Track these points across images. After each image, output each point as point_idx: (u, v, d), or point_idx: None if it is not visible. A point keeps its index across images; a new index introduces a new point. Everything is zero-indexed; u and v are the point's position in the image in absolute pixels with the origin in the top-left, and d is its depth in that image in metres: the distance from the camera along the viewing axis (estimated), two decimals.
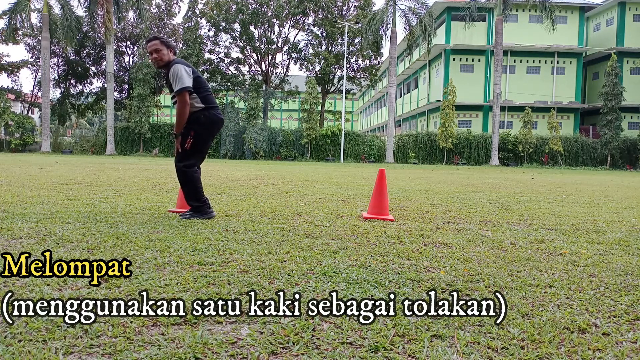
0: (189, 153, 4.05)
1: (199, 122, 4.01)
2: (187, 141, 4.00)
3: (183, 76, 3.85)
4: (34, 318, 1.71)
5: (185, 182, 4.09)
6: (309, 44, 35.14)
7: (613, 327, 1.81)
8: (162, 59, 3.95)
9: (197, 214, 4.09)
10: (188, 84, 3.87)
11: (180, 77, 3.84)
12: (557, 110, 32.86)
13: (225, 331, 1.67)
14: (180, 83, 3.83)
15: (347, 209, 5.14)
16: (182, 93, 3.85)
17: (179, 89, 3.85)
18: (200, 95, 4.00)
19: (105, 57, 30.93)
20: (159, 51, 3.93)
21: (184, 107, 3.88)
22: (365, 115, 61.44)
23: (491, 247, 3.27)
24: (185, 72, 3.87)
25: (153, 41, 3.97)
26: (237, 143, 30.30)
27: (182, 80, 3.84)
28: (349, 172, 15.10)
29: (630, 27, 33.24)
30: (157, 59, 3.96)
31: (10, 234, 3.18)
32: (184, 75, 3.85)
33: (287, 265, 2.56)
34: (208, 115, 4.03)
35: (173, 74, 3.86)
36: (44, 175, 9.01)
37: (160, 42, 3.96)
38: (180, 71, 3.85)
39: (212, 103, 4.07)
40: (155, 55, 3.94)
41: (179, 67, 3.87)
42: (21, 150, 30.36)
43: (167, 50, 3.96)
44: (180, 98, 3.86)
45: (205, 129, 4.05)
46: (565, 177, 16.61)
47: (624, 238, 3.77)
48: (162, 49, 3.94)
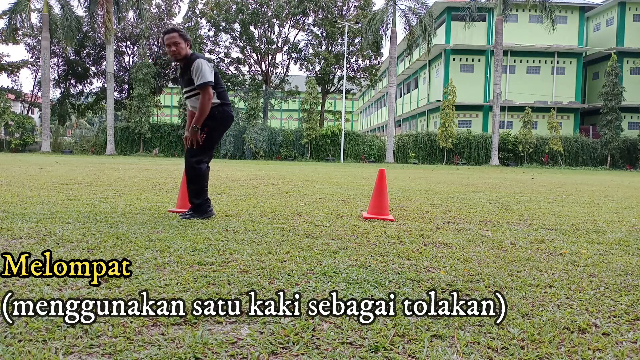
0: (200, 149, 4.05)
1: (214, 117, 4.01)
2: (200, 136, 4.00)
3: (206, 71, 3.86)
4: (34, 318, 1.71)
5: (194, 177, 4.07)
6: (309, 44, 35.15)
7: (613, 327, 1.81)
8: (179, 52, 3.94)
9: (197, 213, 4.08)
10: (211, 78, 3.89)
11: (203, 71, 3.85)
12: (557, 110, 32.86)
13: (225, 331, 1.67)
14: (203, 77, 3.84)
15: (347, 209, 5.14)
16: (206, 87, 3.86)
17: (202, 82, 3.85)
18: (217, 91, 4.02)
19: (105, 57, 30.93)
20: (178, 44, 3.92)
21: (209, 101, 3.88)
22: (365, 115, 61.44)
23: (491, 247, 3.27)
24: (207, 67, 3.89)
25: (171, 33, 3.94)
26: (237, 143, 30.30)
27: (205, 75, 3.85)
28: (349, 172, 15.10)
29: (630, 27, 33.24)
30: (175, 52, 3.94)
31: (10, 234, 3.18)
32: (207, 70, 3.87)
33: (287, 265, 2.56)
34: (222, 111, 4.05)
35: (196, 68, 3.86)
36: (44, 175, 9.01)
37: (179, 34, 3.95)
38: (203, 66, 3.86)
39: (226, 100, 4.10)
40: (174, 49, 3.93)
41: (202, 62, 3.88)
42: (21, 150, 30.35)
43: (185, 44, 3.96)
44: (205, 92, 3.87)
45: (219, 125, 4.06)
46: (565, 177, 16.61)
47: (624, 238, 3.77)
48: (181, 42, 3.93)
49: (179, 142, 30.67)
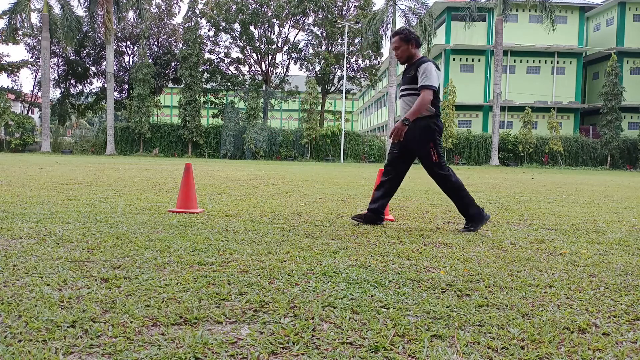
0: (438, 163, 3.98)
1: (429, 130, 3.97)
2: (432, 155, 3.95)
3: (434, 76, 3.92)
4: (34, 318, 1.71)
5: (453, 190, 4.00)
6: (309, 44, 35.15)
7: (613, 327, 1.81)
8: (402, 56, 4.08)
9: (478, 222, 3.95)
10: (435, 83, 3.93)
11: (431, 75, 3.89)
12: (557, 110, 32.87)
13: (225, 331, 1.67)
14: (429, 80, 3.88)
15: (347, 209, 5.14)
16: (428, 90, 3.87)
17: (427, 84, 3.87)
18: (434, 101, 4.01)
19: (105, 57, 30.94)
20: (398, 48, 4.05)
21: (427, 103, 3.88)
22: (365, 115, 61.41)
23: (491, 247, 3.27)
24: (435, 74, 3.95)
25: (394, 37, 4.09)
26: (237, 143, 30.30)
27: (432, 78, 3.89)
28: (349, 172, 15.10)
29: (630, 27, 33.24)
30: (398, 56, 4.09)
31: (10, 234, 3.18)
32: (434, 75, 3.93)
33: (287, 265, 2.56)
34: (436, 122, 4.03)
35: (424, 70, 3.90)
36: (44, 175, 9.01)
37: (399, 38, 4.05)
38: (432, 70, 3.92)
39: (439, 112, 4.09)
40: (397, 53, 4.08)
41: (432, 66, 3.94)
42: (21, 150, 30.35)
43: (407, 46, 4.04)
44: (426, 94, 3.87)
45: (439, 135, 4.02)
46: (565, 177, 16.61)
47: (624, 238, 3.77)
48: (402, 45, 4.04)
49: (179, 142, 30.69)
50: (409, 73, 4.01)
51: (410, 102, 3.99)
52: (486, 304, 2.02)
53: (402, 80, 4.13)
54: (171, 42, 36.02)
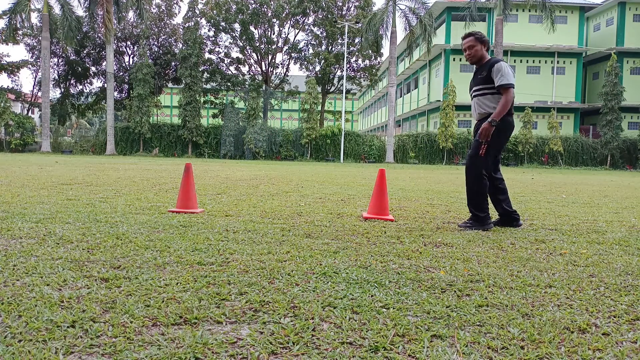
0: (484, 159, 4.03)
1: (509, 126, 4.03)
2: (481, 148, 4.00)
3: (510, 74, 3.97)
4: (34, 318, 1.70)
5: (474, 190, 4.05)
6: (309, 44, 35.14)
7: (613, 327, 1.81)
8: (474, 55, 4.14)
9: (479, 224, 4.02)
10: (513, 81, 3.97)
11: (507, 73, 3.95)
12: (557, 110, 32.87)
13: (225, 331, 1.67)
14: (507, 79, 3.92)
15: (347, 209, 5.14)
16: (509, 89, 3.93)
17: (506, 83, 3.91)
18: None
19: (105, 57, 30.93)
20: (472, 47, 4.11)
21: (510, 101, 3.94)
22: (365, 115, 61.43)
23: (491, 247, 3.27)
24: (510, 71, 4.00)
25: (467, 38, 4.16)
26: (237, 143, 30.30)
27: (509, 76, 3.94)
28: (349, 172, 15.10)
29: (630, 27, 33.24)
30: (470, 55, 4.15)
31: (10, 234, 3.18)
32: (510, 73, 3.98)
33: (287, 265, 2.56)
34: (510, 120, 4.06)
35: (498, 69, 3.95)
36: (44, 175, 9.01)
37: (474, 38, 4.12)
38: (506, 69, 3.97)
39: (511, 110, 4.08)
40: (469, 52, 4.13)
41: (505, 65, 4.00)
42: (21, 150, 30.34)
43: (480, 46, 4.11)
44: (508, 93, 3.93)
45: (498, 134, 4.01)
46: (565, 177, 16.61)
47: (624, 238, 3.77)
48: (476, 45, 4.10)
49: (179, 142, 30.69)
50: (481, 74, 4.08)
51: (485, 101, 4.06)
52: (486, 304, 2.02)
53: (474, 81, 4.19)
54: (171, 42, 36.02)
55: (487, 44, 4.16)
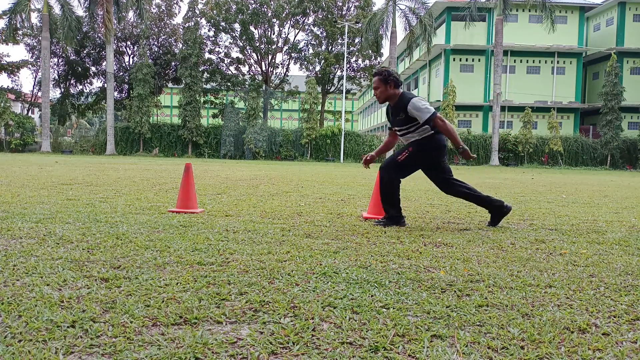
0: (401, 165, 4.10)
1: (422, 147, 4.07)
2: (402, 154, 4.08)
3: (425, 104, 3.98)
4: (34, 318, 1.70)
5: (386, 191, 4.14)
6: (309, 44, 35.15)
7: (613, 327, 1.81)
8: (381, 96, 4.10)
9: (392, 222, 4.10)
10: (432, 107, 4.00)
11: (424, 106, 3.95)
12: (557, 110, 32.85)
13: (225, 331, 1.67)
14: (428, 110, 3.94)
15: (347, 209, 5.14)
16: (436, 117, 3.95)
17: (431, 115, 3.93)
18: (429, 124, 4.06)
19: (105, 57, 30.93)
20: (377, 89, 4.07)
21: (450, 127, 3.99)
22: (365, 115, 61.40)
23: (491, 247, 3.27)
24: (424, 101, 4.01)
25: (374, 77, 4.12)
26: (237, 143, 30.30)
27: (427, 107, 3.96)
28: (349, 172, 15.10)
29: (630, 27, 33.23)
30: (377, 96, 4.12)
31: (10, 234, 3.18)
32: (425, 104, 3.99)
33: (287, 265, 2.56)
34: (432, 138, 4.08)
35: (415, 108, 3.93)
36: (44, 175, 9.01)
37: (378, 79, 4.06)
38: (419, 102, 3.96)
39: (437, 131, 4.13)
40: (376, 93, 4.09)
41: (416, 100, 3.98)
42: (21, 150, 30.34)
43: (386, 87, 4.05)
44: (438, 120, 3.95)
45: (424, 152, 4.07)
46: (565, 177, 16.61)
47: (624, 238, 3.77)
48: (380, 86, 4.05)
49: (179, 142, 30.69)
50: (399, 115, 4.06)
51: (413, 135, 4.07)
52: (486, 304, 2.02)
53: (395, 123, 4.17)
54: (171, 42, 36.02)
55: (395, 82, 4.05)
